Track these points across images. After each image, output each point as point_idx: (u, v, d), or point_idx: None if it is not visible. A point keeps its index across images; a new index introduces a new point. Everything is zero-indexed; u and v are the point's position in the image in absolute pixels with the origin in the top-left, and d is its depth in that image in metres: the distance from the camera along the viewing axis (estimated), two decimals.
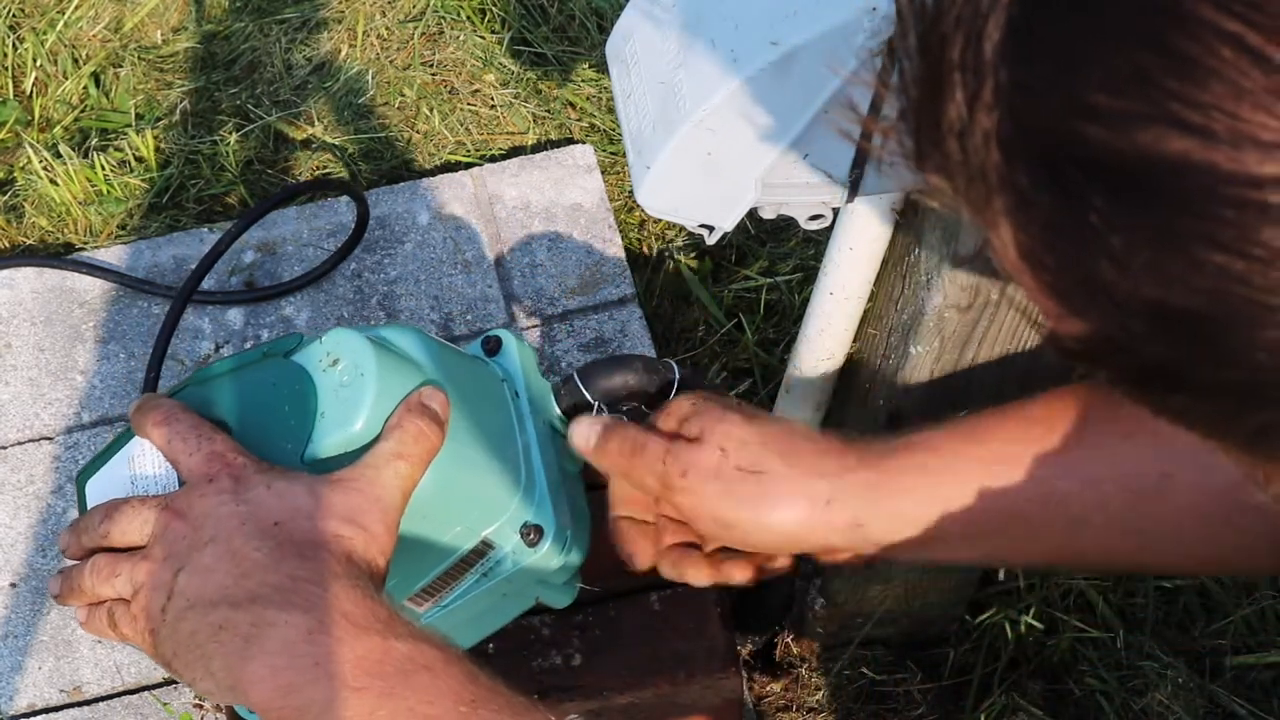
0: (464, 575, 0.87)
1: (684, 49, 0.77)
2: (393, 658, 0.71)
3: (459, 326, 1.41)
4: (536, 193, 1.50)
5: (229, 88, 1.67)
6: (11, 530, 1.31)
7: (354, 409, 0.78)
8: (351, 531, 0.74)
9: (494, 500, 0.86)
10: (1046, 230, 0.44)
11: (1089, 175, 0.41)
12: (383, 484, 0.76)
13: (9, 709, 1.23)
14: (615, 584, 1.26)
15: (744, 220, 0.83)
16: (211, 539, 0.74)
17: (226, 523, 0.74)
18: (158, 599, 0.74)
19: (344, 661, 0.70)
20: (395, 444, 0.77)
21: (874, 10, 0.71)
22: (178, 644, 0.73)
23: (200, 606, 0.72)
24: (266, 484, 0.75)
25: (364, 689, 0.70)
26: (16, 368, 1.40)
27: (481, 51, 1.69)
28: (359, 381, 0.78)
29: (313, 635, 0.71)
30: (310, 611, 0.71)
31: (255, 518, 0.74)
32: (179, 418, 0.78)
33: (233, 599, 0.72)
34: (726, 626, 1.23)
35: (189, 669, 0.73)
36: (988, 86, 0.43)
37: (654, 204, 0.80)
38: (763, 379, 1.46)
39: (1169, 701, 1.28)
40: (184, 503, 0.75)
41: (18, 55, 1.71)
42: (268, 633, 0.71)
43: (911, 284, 0.94)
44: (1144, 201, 0.41)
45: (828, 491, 0.83)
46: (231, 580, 0.72)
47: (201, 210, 1.57)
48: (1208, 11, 0.38)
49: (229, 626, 0.71)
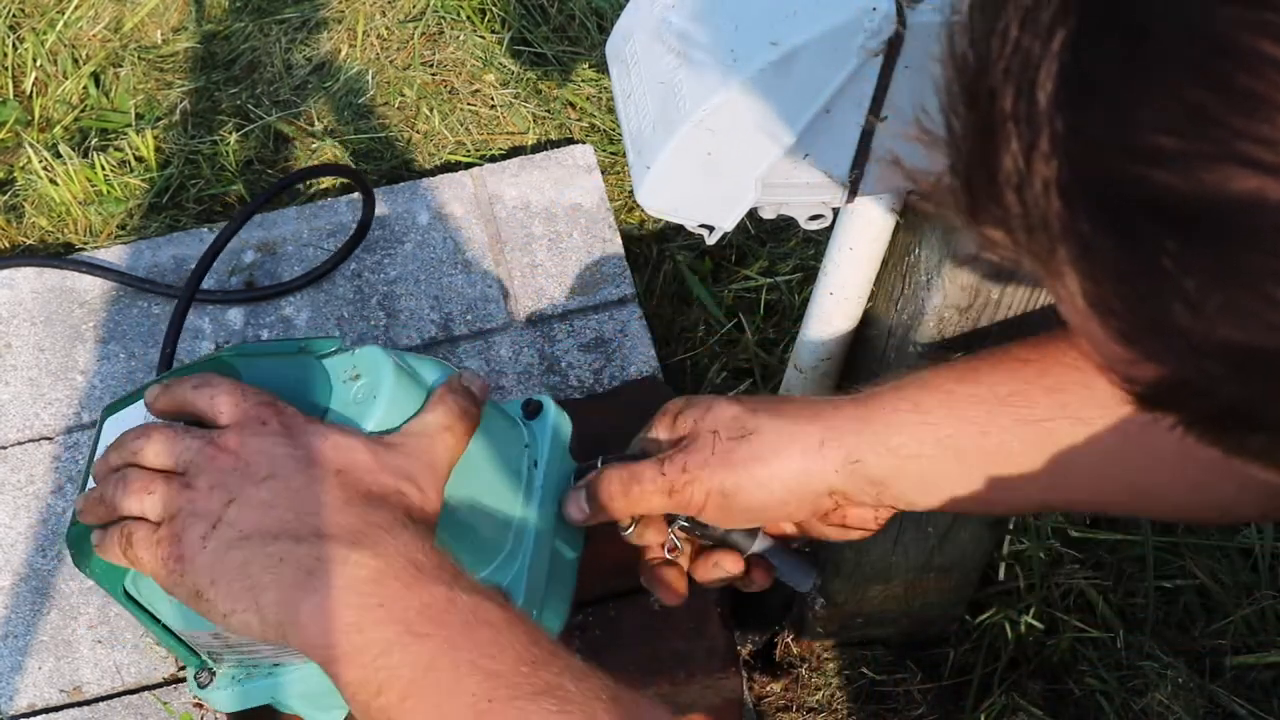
0: None
1: (684, 49, 0.77)
2: (457, 608, 0.71)
3: (459, 326, 1.41)
4: (536, 193, 1.50)
5: (229, 88, 1.67)
6: (11, 530, 1.31)
7: (354, 424, 0.78)
8: (410, 489, 0.75)
9: (472, 555, 0.85)
10: (1114, 277, 0.43)
11: (1155, 219, 0.41)
12: (435, 452, 0.77)
13: (9, 709, 1.23)
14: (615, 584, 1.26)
15: (744, 220, 0.83)
16: (270, 475, 0.73)
17: (284, 463, 0.74)
18: (197, 527, 0.73)
19: (409, 607, 0.70)
20: (444, 416, 0.78)
21: (874, 10, 0.71)
22: (219, 572, 0.72)
23: (257, 538, 0.72)
24: (323, 435, 0.75)
25: (426, 635, 0.69)
26: (16, 368, 1.40)
27: (481, 51, 1.69)
28: (369, 402, 0.79)
29: (381, 577, 0.70)
30: (380, 555, 0.71)
31: (317, 463, 0.74)
32: (215, 379, 0.78)
33: (296, 533, 0.71)
34: (726, 626, 1.24)
35: (230, 599, 0.72)
36: (1044, 136, 0.42)
37: (654, 204, 0.80)
38: (763, 379, 1.46)
39: (1169, 701, 1.28)
40: (233, 439, 0.74)
41: (18, 55, 1.71)
42: (334, 569, 0.70)
43: (911, 284, 0.94)
44: (1215, 242, 0.40)
45: (819, 433, 0.83)
46: (294, 516, 0.72)
47: (201, 210, 1.57)
48: (1268, 46, 0.38)
49: (290, 559, 0.71)
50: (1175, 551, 1.38)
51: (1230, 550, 1.38)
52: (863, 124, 0.77)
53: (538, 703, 0.68)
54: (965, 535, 1.19)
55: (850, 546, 1.21)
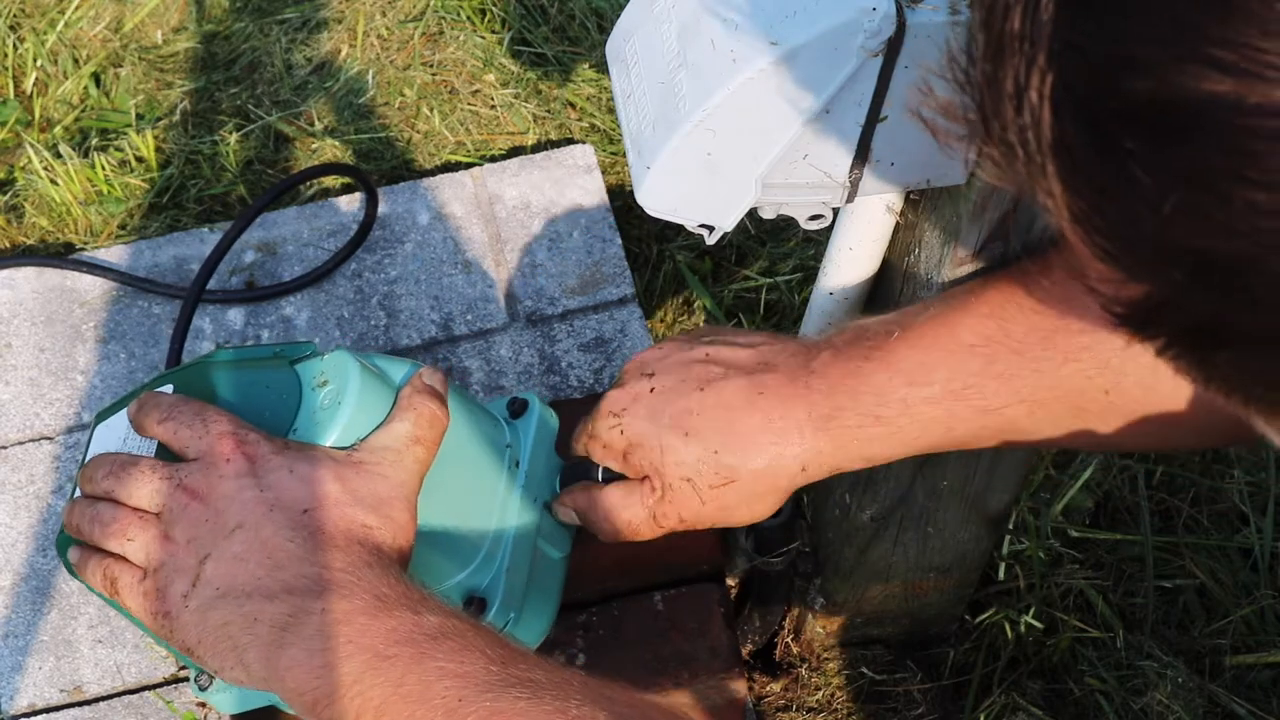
0: None
1: (684, 49, 0.77)
2: (424, 628, 0.71)
3: (459, 326, 1.41)
4: (536, 193, 1.50)
5: (229, 88, 1.67)
6: (12, 530, 1.31)
7: (322, 433, 0.78)
8: (379, 521, 0.75)
9: (445, 563, 0.85)
10: (1095, 189, 0.45)
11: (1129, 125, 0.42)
12: (404, 468, 0.77)
13: (9, 709, 1.23)
14: (618, 585, 1.26)
15: (744, 220, 0.83)
16: (238, 525, 0.73)
17: (252, 509, 0.74)
18: (179, 584, 0.73)
19: (376, 635, 0.71)
20: (412, 427, 0.78)
21: (874, 10, 0.71)
22: (204, 632, 0.73)
23: (232, 597, 0.72)
24: (288, 468, 0.75)
25: (394, 657, 0.70)
26: (17, 368, 1.40)
27: (481, 51, 1.69)
28: (335, 408, 0.78)
29: (348, 616, 0.71)
30: (346, 597, 0.72)
31: (282, 505, 0.74)
32: (180, 408, 0.78)
33: (267, 590, 0.72)
34: (729, 626, 1.24)
35: (217, 658, 0.73)
36: (1042, 52, 0.44)
37: (654, 204, 0.80)
38: None
39: (1169, 701, 1.28)
40: (200, 482, 0.75)
41: (18, 55, 1.71)
42: (304, 620, 0.71)
43: (911, 284, 0.94)
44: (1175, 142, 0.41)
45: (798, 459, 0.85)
46: (264, 571, 0.72)
47: (202, 210, 1.57)
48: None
49: (264, 618, 0.72)
50: (1175, 551, 1.38)
51: (1230, 550, 1.38)
52: (863, 124, 0.77)
53: (509, 693, 0.69)
54: (965, 535, 1.19)
55: (850, 546, 1.21)
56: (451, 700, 0.69)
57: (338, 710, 0.70)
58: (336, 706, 0.70)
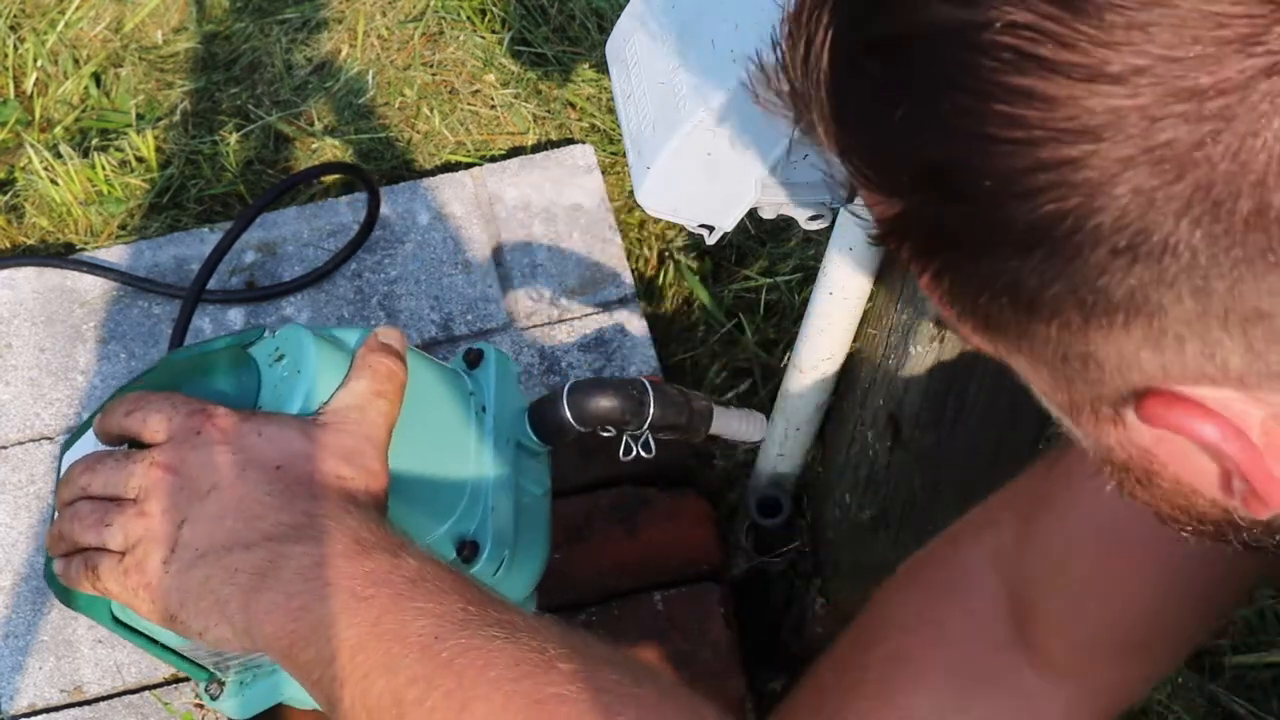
0: None
1: (684, 49, 0.77)
2: (401, 570, 0.71)
3: (459, 326, 1.41)
4: (536, 193, 1.50)
5: (229, 88, 1.67)
6: (12, 530, 1.31)
7: (286, 403, 0.79)
8: (351, 471, 0.75)
9: (432, 512, 0.85)
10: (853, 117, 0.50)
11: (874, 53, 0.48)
12: (370, 422, 0.77)
13: (9, 709, 1.23)
14: (618, 584, 1.26)
15: (744, 220, 0.83)
16: (213, 487, 0.74)
17: (225, 471, 0.74)
18: (157, 552, 0.73)
19: (354, 576, 0.71)
20: (371, 381, 0.78)
21: None
22: (186, 593, 0.73)
23: (212, 553, 0.72)
24: (257, 430, 0.75)
25: (370, 598, 0.70)
26: (17, 368, 1.40)
27: (481, 51, 1.69)
28: (295, 378, 0.79)
29: (325, 559, 0.71)
30: (323, 541, 0.72)
31: (255, 463, 0.74)
32: (146, 398, 0.78)
33: (246, 541, 0.72)
34: (729, 626, 1.24)
35: (201, 617, 0.73)
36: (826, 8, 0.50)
37: (654, 204, 0.80)
38: (763, 379, 1.46)
39: (1169, 701, 1.28)
40: (173, 456, 0.75)
41: (18, 55, 1.71)
42: (282, 564, 0.71)
43: (911, 284, 0.94)
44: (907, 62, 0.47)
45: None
46: (243, 524, 0.73)
47: (202, 210, 1.57)
48: None
49: (244, 567, 0.72)
50: None
51: None
52: None
53: (486, 632, 0.69)
54: None
55: (850, 546, 1.21)
56: (427, 637, 0.69)
57: (314, 653, 0.70)
58: (313, 648, 0.70)
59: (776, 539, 1.22)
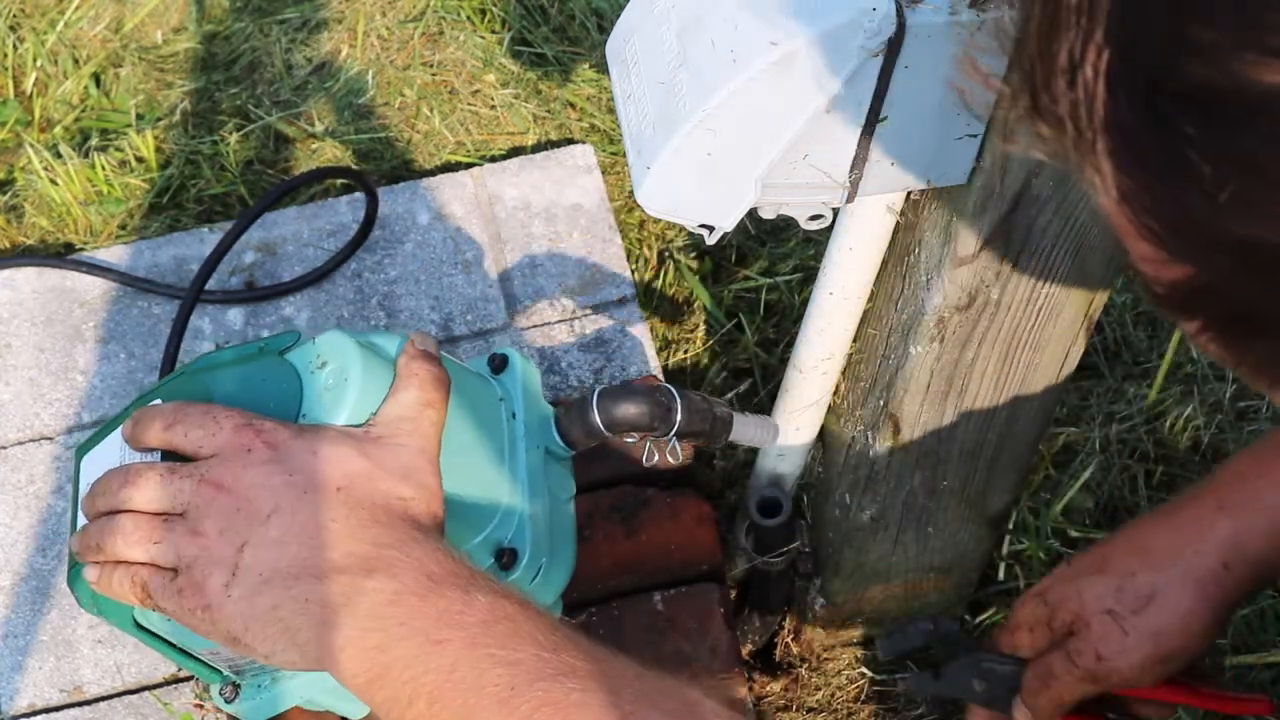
0: None
1: (684, 49, 0.77)
2: (474, 610, 0.71)
3: (459, 326, 1.41)
4: (536, 193, 1.50)
5: (229, 88, 1.67)
6: (11, 530, 1.31)
7: (333, 413, 0.78)
8: (412, 491, 0.75)
9: (470, 520, 0.85)
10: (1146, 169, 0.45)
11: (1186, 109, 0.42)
12: (423, 434, 0.77)
13: (9, 709, 1.23)
14: (618, 584, 1.26)
15: (744, 220, 0.83)
16: (274, 510, 0.73)
17: (284, 494, 0.73)
18: (218, 575, 0.73)
19: (427, 617, 0.71)
20: (420, 391, 0.78)
21: (874, 10, 0.71)
22: (252, 619, 0.72)
23: (279, 581, 0.72)
24: (311, 449, 0.74)
25: (446, 641, 0.70)
26: (16, 368, 1.40)
27: (481, 52, 1.69)
28: (342, 386, 0.78)
29: (399, 597, 0.71)
30: (396, 576, 0.72)
31: (314, 486, 0.73)
32: (185, 410, 0.77)
33: (316, 571, 0.72)
34: (729, 626, 1.24)
35: (268, 642, 0.73)
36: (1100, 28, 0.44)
37: (654, 204, 0.80)
38: (763, 379, 1.46)
39: None
40: (225, 474, 0.74)
41: (18, 55, 1.71)
42: (356, 600, 0.71)
43: (911, 284, 0.94)
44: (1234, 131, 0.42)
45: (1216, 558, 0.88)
46: (309, 552, 0.72)
47: (202, 210, 1.57)
48: None
49: (315, 599, 0.71)
50: None
51: None
52: (863, 124, 0.77)
53: (560, 683, 0.69)
54: (965, 535, 1.19)
55: (850, 546, 1.21)
56: (504, 689, 0.69)
57: (390, 693, 0.71)
58: (389, 690, 0.71)
59: (776, 539, 1.22)
